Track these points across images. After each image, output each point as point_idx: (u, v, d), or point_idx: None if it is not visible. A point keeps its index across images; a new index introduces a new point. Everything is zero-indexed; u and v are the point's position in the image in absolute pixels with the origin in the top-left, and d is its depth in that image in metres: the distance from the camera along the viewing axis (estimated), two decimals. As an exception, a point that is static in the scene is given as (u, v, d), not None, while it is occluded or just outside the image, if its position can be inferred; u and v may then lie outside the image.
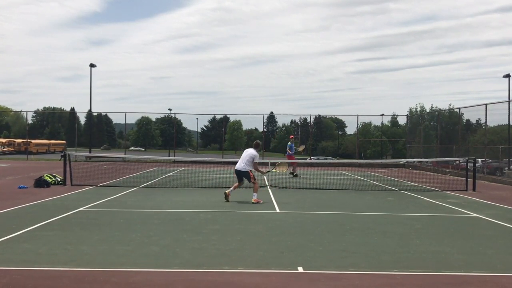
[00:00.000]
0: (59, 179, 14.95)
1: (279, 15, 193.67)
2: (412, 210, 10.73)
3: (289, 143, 20.80)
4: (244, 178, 11.85)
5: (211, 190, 14.04)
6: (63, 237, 7.05)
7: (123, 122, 36.94)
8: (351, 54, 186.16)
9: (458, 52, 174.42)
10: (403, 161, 30.45)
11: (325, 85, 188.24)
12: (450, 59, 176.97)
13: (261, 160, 21.62)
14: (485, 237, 7.67)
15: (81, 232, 7.44)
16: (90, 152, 36.62)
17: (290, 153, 20.57)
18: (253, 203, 11.19)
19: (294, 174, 20.51)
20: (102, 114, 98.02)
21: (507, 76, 36.38)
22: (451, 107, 45.54)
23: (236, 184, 11.96)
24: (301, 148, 22.48)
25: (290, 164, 21.21)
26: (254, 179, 11.72)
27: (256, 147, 12.17)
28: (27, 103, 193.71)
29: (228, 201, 11.39)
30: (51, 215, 8.95)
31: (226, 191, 11.65)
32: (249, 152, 11.95)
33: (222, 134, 60.04)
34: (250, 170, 11.81)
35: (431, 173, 24.86)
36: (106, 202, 11.04)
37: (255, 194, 11.47)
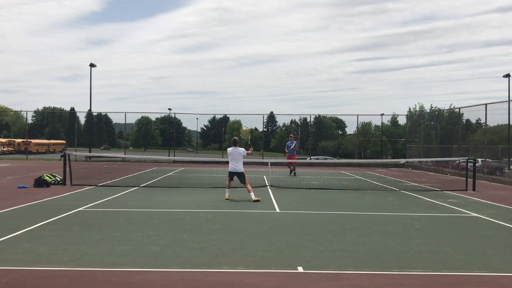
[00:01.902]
0: (59, 179, 14.95)
1: (278, 15, 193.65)
2: (412, 210, 10.73)
3: (288, 142, 21.02)
4: (238, 178, 12.10)
5: (211, 190, 14.04)
6: (63, 237, 7.05)
7: (123, 122, 36.94)
8: (351, 54, 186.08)
9: (457, 52, 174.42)
10: (403, 161, 30.45)
11: (325, 85, 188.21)
12: (450, 59, 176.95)
13: (262, 160, 21.70)
14: (485, 237, 7.67)
15: (81, 232, 7.44)
16: (90, 152, 36.62)
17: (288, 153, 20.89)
18: (255, 201, 11.43)
19: (293, 173, 20.66)
20: (102, 114, 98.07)
21: (507, 76, 36.39)
22: (451, 107, 45.56)
23: (229, 183, 12.23)
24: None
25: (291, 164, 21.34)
26: (247, 180, 12.14)
27: (236, 144, 12.34)
28: (27, 103, 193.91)
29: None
30: (51, 215, 8.95)
31: (226, 197, 11.89)
32: (239, 151, 12.18)
33: (222, 134, 59.96)
34: (244, 171, 12.20)
35: (431, 173, 24.87)
36: (106, 202, 11.04)
37: (252, 193, 11.75)
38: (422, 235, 7.74)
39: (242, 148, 12.33)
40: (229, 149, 12.36)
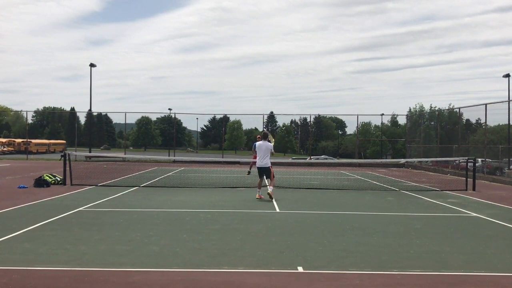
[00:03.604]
0: (59, 179, 14.95)
1: (277, 15, 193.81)
2: (412, 210, 10.73)
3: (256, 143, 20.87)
4: (264, 174, 11.98)
5: (211, 190, 14.04)
6: (63, 237, 7.05)
7: (123, 122, 36.99)
8: (350, 54, 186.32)
9: (457, 52, 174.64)
10: (403, 161, 30.45)
11: (325, 85, 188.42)
12: (449, 59, 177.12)
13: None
14: (485, 237, 7.67)
15: (81, 232, 7.44)
16: (90, 152, 36.61)
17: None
18: (268, 194, 11.47)
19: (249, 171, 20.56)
20: (102, 114, 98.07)
21: (507, 76, 36.37)
22: (451, 106, 45.57)
23: (260, 180, 12.11)
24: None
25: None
26: (273, 176, 11.96)
27: (265, 137, 12.05)
28: (27, 103, 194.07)
29: (260, 199, 11.72)
30: (51, 215, 8.95)
31: (257, 196, 11.76)
32: (266, 145, 11.89)
33: (222, 134, 59.99)
34: (270, 166, 12.02)
35: (431, 173, 24.86)
36: (106, 202, 11.04)
37: (271, 188, 11.71)
38: (422, 235, 7.74)
39: (271, 144, 12.05)
40: (258, 143, 12.09)
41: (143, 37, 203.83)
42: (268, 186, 11.78)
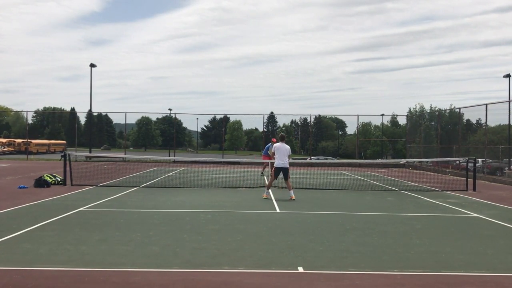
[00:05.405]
0: (59, 179, 14.95)
1: (277, 15, 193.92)
2: (412, 210, 10.73)
3: (269, 144, 20.80)
4: (283, 174, 12.21)
5: (211, 190, 14.04)
6: (63, 237, 7.05)
7: (123, 122, 37.03)
8: (350, 54, 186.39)
9: (456, 52, 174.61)
10: (403, 161, 30.44)
11: (325, 85, 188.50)
12: (449, 59, 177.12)
13: (262, 160, 21.67)
14: (485, 237, 7.66)
15: (81, 232, 7.44)
16: (90, 152, 36.62)
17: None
18: (291, 199, 11.75)
19: (262, 173, 20.63)
20: (102, 114, 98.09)
21: (507, 76, 36.36)
22: (451, 107, 45.56)
23: (272, 180, 12.40)
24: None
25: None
26: (289, 176, 12.23)
27: (282, 139, 12.45)
28: (27, 103, 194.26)
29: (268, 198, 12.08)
30: (51, 215, 8.95)
31: (264, 196, 12.10)
32: (287, 147, 12.28)
33: (222, 134, 60.01)
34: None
35: (431, 173, 24.85)
36: (106, 202, 11.04)
37: (291, 191, 12.01)
38: (422, 235, 7.74)
39: (289, 146, 12.39)
40: (277, 144, 12.46)
41: (143, 37, 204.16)
42: (289, 192, 12.03)
